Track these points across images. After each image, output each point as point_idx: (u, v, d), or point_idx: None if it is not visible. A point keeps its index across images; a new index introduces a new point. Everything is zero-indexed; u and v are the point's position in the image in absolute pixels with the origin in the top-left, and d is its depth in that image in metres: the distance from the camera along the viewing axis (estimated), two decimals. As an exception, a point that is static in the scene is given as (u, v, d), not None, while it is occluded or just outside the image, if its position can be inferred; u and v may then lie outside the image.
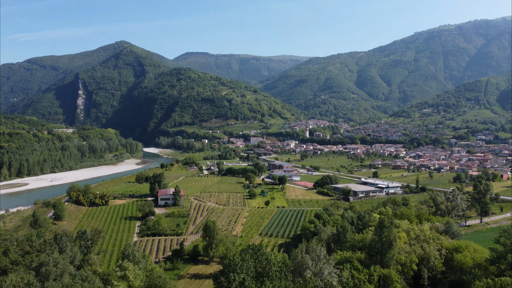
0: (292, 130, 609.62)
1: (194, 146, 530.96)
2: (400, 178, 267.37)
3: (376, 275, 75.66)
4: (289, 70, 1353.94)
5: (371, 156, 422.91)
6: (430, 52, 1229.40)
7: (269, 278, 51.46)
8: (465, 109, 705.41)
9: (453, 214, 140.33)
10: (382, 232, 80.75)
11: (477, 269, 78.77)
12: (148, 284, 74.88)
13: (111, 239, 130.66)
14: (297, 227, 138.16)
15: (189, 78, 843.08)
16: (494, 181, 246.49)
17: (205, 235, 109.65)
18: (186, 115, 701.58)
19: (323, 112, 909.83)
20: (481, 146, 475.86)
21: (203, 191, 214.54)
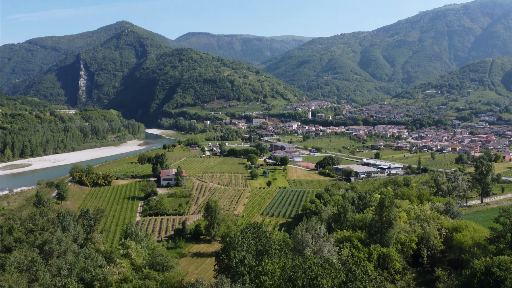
0: (295, 112, 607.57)
1: (196, 127, 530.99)
2: (402, 159, 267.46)
3: (376, 253, 76.38)
4: (292, 51, 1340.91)
5: (373, 137, 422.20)
6: (435, 32, 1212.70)
7: (269, 255, 52.09)
8: (469, 90, 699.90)
9: (454, 194, 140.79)
10: (382, 211, 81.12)
11: (476, 248, 79.37)
12: (150, 262, 75.90)
13: (114, 218, 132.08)
14: (298, 207, 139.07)
15: (191, 59, 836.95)
16: (496, 162, 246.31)
17: (207, 215, 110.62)
18: (188, 97, 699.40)
19: (325, 94, 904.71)
20: (484, 127, 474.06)
21: (205, 171, 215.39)
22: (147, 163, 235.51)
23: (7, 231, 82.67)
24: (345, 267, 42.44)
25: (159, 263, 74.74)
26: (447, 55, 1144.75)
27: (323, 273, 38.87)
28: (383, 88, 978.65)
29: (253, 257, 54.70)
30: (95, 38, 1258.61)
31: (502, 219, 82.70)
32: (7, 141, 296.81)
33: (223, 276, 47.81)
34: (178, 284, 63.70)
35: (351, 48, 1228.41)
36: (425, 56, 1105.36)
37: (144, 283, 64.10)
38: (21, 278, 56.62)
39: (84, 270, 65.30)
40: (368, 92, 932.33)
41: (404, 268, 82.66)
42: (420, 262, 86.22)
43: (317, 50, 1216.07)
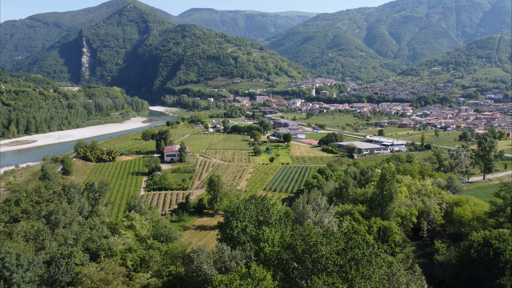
0: (299, 89, 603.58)
1: (199, 105, 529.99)
2: (406, 136, 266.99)
3: (376, 226, 77.36)
4: (296, 27, 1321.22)
5: (377, 115, 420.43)
6: (442, 7, 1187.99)
7: (270, 225, 53.07)
8: (475, 68, 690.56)
9: (456, 170, 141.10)
10: (383, 185, 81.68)
11: (476, 221, 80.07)
12: (154, 234, 77.44)
13: (118, 193, 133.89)
14: (301, 183, 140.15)
15: (194, 35, 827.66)
16: (501, 139, 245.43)
17: (210, 189, 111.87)
18: (191, 74, 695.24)
19: (330, 71, 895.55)
20: (490, 105, 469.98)
21: (209, 148, 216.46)
22: (150, 139, 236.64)
23: (14, 202, 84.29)
24: (345, 236, 43.21)
25: (163, 234, 76.25)
26: (454, 31, 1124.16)
27: (323, 241, 39.65)
28: (388, 65, 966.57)
29: (254, 227, 55.73)
30: (97, 14, 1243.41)
31: (502, 193, 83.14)
32: (12, 118, 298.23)
33: (223, 244, 48.94)
34: (182, 254, 65.12)
35: (356, 25, 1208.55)
36: (432, 32, 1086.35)
37: (148, 252, 65.62)
38: (27, 247, 58.08)
39: (89, 240, 66.80)
40: (373, 69, 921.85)
41: (404, 241, 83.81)
42: (420, 236, 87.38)
43: (322, 27, 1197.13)
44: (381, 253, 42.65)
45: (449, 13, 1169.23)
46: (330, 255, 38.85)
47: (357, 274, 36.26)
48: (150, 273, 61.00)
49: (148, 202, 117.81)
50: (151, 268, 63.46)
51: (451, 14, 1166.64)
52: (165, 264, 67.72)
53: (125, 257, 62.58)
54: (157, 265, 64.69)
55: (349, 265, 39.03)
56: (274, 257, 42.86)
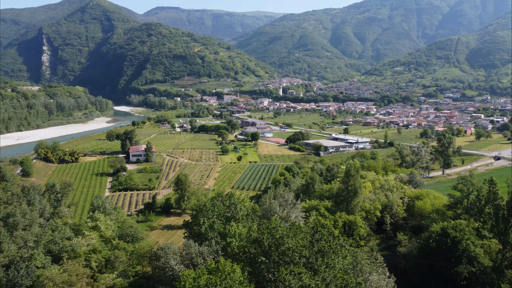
0: (266, 88, 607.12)
1: (166, 104, 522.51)
2: (370, 134, 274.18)
3: (341, 221, 79.12)
4: (263, 27, 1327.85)
5: (343, 113, 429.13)
6: (404, 9, 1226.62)
7: (237, 221, 53.29)
8: (435, 68, 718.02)
9: (418, 166, 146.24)
10: (348, 180, 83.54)
11: (436, 214, 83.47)
12: (120, 234, 75.94)
13: (82, 194, 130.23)
14: (268, 180, 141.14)
15: (160, 34, 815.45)
16: (458, 136, 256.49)
17: (177, 188, 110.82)
18: (157, 73, 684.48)
19: (297, 70, 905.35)
20: (448, 103, 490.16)
21: (176, 147, 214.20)
22: (115, 139, 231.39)
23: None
24: (311, 230, 43.98)
25: (129, 234, 74.96)
26: (416, 33, 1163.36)
27: (289, 233, 40.25)
28: (353, 65, 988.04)
29: (222, 223, 55.79)
30: (58, 11, 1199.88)
31: (460, 186, 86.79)
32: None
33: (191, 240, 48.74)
34: (148, 253, 64.30)
35: (322, 25, 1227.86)
36: (394, 33, 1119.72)
37: (114, 253, 64.34)
38: (-16, 250, 55.61)
39: (51, 242, 64.72)
40: (338, 69, 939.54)
41: (368, 235, 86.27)
42: (383, 229, 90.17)
43: (288, 27, 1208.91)
44: (346, 244, 43.75)
45: (410, 15, 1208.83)
46: (296, 248, 39.50)
47: (322, 263, 37.07)
48: (115, 274, 59.87)
49: (113, 203, 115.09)
50: (117, 269, 62.28)
51: (412, 16, 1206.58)
52: (132, 264, 66.68)
53: (89, 258, 61.09)
54: (123, 265, 63.56)
55: (315, 257, 39.82)
56: (242, 251, 43.14)
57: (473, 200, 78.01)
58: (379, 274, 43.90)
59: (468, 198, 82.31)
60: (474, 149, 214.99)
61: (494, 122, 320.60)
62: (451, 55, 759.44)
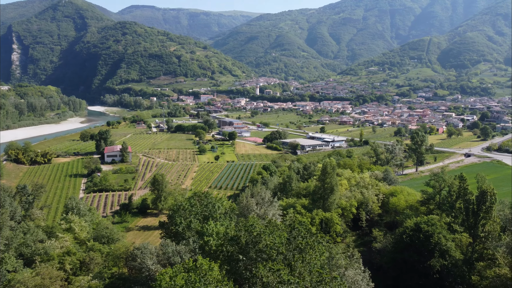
0: (243, 88, 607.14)
1: (142, 104, 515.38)
2: (346, 133, 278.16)
3: (318, 218, 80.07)
4: (240, 27, 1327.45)
5: (319, 113, 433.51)
6: (378, 10, 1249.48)
7: (214, 219, 53.20)
8: (408, 68, 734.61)
9: (392, 163, 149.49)
10: (325, 178, 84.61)
11: (409, 210, 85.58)
12: (95, 236, 74.49)
13: (55, 195, 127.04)
14: (246, 180, 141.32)
15: (135, 33, 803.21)
16: (431, 134, 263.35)
17: (153, 188, 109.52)
18: (133, 72, 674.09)
19: (273, 70, 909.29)
20: (421, 103, 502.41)
21: (152, 147, 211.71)
22: (90, 140, 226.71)
23: None
24: (288, 227, 44.31)
25: (104, 236, 73.66)
26: (389, 33, 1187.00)
27: (266, 230, 40.45)
28: (329, 65, 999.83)
29: (199, 222, 55.54)
30: (28, 8, 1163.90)
31: (432, 182, 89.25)
32: None
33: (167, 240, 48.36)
34: (124, 254, 63.32)
35: (298, 25, 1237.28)
36: (369, 34, 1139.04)
37: (88, 255, 63.11)
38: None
39: (23, 245, 62.94)
40: (314, 69, 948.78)
41: (344, 231, 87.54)
42: (359, 225, 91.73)
43: (265, 27, 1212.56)
44: (323, 241, 44.31)
45: (384, 16, 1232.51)
46: (273, 245, 39.74)
47: (299, 259, 37.44)
48: (91, 276, 58.71)
49: (88, 204, 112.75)
50: (92, 271, 61.12)
51: (386, 17, 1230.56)
52: (107, 265, 65.50)
53: (63, 260, 59.73)
54: (99, 267, 62.42)
55: (292, 253, 40.16)
56: (219, 249, 43.10)
57: (444, 195, 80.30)
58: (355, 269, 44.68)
59: (440, 194, 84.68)
60: (445, 146, 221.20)
61: (464, 121, 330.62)
62: (423, 55, 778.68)
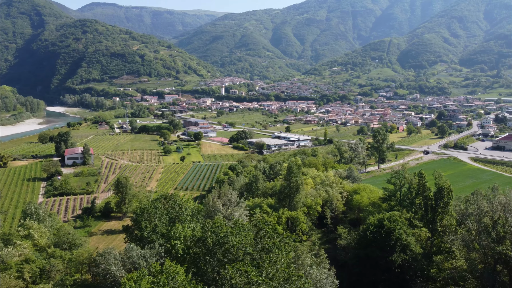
0: (208, 88, 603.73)
1: (104, 104, 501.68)
2: (310, 132, 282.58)
3: (284, 217, 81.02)
4: (205, 26, 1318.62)
5: (284, 112, 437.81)
6: (340, 12, 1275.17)
7: (181, 222, 52.73)
8: (370, 68, 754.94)
9: (355, 161, 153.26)
10: (290, 177, 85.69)
11: (372, 207, 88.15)
12: (56, 242, 71.95)
13: (12, 201, 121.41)
14: (212, 180, 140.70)
15: (96, 31, 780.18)
16: (392, 132, 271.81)
17: (117, 191, 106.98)
18: (94, 72, 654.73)
19: (239, 70, 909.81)
20: (382, 102, 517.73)
21: (115, 149, 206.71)
22: (49, 142, 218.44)
23: None
24: (255, 227, 44.61)
25: (66, 242, 71.38)
26: (351, 34, 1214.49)
27: (233, 231, 40.58)
28: (293, 65, 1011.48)
29: (165, 225, 54.88)
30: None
31: (393, 179, 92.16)
32: None
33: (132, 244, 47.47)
34: (87, 260, 61.61)
35: (263, 25, 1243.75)
36: (332, 35, 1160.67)
37: (49, 262, 60.91)
38: None
39: (-23, 254, 59.81)
40: (279, 69, 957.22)
41: (310, 229, 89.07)
42: (324, 223, 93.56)
43: (230, 26, 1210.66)
44: (289, 241, 44.93)
45: (346, 17, 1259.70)
46: (240, 245, 39.94)
47: (266, 259, 37.83)
48: (51, 284, 56.73)
49: (48, 209, 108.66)
50: (53, 278, 59.04)
51: (348, 18, 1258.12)
52: (70, 272, 63.55)
53: (21, 269, 57.34)
54: (60, 274, 60.39)
55: (259, 254, 40.52)
56: (186, 252, 42.81)
57: (405, 192, 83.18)
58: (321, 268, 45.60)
59: (400, 191, 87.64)
60: (405, 144, 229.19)
61: (423, 119, 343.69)
62: (384, 56, 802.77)
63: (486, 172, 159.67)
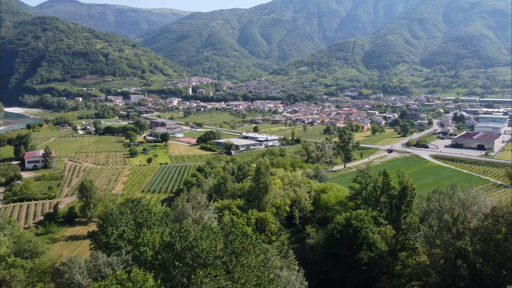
0: (175, 88, 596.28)
1: (66, 105, 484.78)
2: (278, 132, 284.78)
3: (254, 218, 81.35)
4: (171, 25, 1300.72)
5: (252, 112, 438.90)
6: (306, 12, 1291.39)
7: (149, 227, 51.86)
8: (335, 68, 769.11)
9: (322, 161, 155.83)
10: (259, 178, 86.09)
11: (339, 205, 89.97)
12: (16, 250, 69.03)
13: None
14: (180, 182, 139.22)
15: (56, 29, 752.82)
16: (357, 131, 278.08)
17: (81, 195, 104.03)
18: (55, 71, 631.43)
19: (206, 70, 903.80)
20: (348, 101, 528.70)
21: (79, 151, 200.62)
22: (7, 145, 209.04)
23: None
24: (223, 231, 44.50)
25: (27, 250, 68.66)
26: (317, 35, 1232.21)
27: (202, 235, 40.30)
28: (260, 65, 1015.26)
29: (132, 231, 53.79)
30: None
31: (359, 178, 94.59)
32: None
33: (98, 251, 46.21)
34: (51, 268, 59.46)
35: (230, 25, 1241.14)
36: (298, 35, 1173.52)
37: (9, 272, 58.38)
38: None
39: None
40: (247, 68, 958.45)
41: (279, 229, 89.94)
42: (293, 223, 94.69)
43: (196, 25, 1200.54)
44: (258, 244, 45.10)
45: (312, 18, 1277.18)
46: (210, 249, 39.74)
47: (237, 264, 37.83)
48: (12, 295, 54.42)
49: (7, 216, 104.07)
50: (14, 289, 56.64)
51: (314, 19, 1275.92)
52: (32, 282, 61.12)
53: (-21, 280, 54.68)
54: (21, 284, 58.02)
55: (229, 258, 40.45)
56: (154, 258, 42.16)
57: (370, 191, 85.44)
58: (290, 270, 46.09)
59: (366, 189, 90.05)
60: (370, 143, 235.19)
61: (386, 118, 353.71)
62: (349, 56, 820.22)
63: (446, 169, 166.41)
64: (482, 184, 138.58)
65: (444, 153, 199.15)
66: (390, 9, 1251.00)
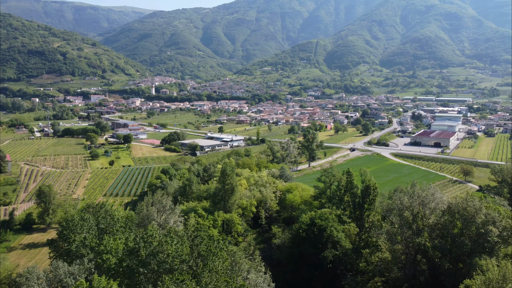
0: (138, 88, 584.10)
1: (22, 106, 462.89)
2: (243, 132, 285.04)
3: (220, 220, 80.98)
4: (132, 23, 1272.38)
5: (217, 112, 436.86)
6: (269, 13, 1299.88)
7: (112, 233, 50.47)
8: (299, 68, 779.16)
9: (287, 160, 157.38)
10: (225, 179, 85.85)
11: (304, 205, 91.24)
12: (-32, 261, 65.32)
13: None
14: (144, 184, 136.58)
15: (10, 26, 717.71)
16: (321, 131, 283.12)
17: (39, 201, 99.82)
18: (9, 70, 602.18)
19: (169, 69, 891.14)
20: (311, 101, 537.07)
21: (36, 154, 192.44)
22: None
23: None
24: (189, 234, 44.02)
25: (-20, 261, 65.00)
26: (281, 35, 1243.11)
27: (167, 240, 39.69)
28: (225, 64, 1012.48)
29: (95, 237, 52.16)
30: None
31: (323, 177, 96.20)
32: None
33: (59, 260, 44.44)
34: (7, 279, 56.68)
35: (193, 24, 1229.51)
36: (262, 35, 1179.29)
37: (-39, 285, 55.18)
38: None
39: None
40: (211, 68, 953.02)
41: (246, 230, 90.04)
42: (259, 223, 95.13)
43: (159, 24, 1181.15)
44: (224, 247, 44.93)
45: (275, 18, 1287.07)
46: (176, 254, 39.20)
47: (204, 269, 37.51)
48: (-35, 309, 51.44)
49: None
50: (-34, 302, 53.59)
51: (277, 19, 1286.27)
52: (-14, 294, 58.08)
53: None
54: (-26, 297, 55.01)
55: (195, 262, 40.03)
56: (118, 265, 41.10)
57: (334, 190, 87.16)
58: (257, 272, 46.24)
59: (330, 188, 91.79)
60: (333, 142, 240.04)
61: (349, 118, 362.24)
62: (312, 56, 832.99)
63: (406, 166, 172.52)
64: (439, 180, 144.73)
65: (404, 151, 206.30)
66: (351, 11, 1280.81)
